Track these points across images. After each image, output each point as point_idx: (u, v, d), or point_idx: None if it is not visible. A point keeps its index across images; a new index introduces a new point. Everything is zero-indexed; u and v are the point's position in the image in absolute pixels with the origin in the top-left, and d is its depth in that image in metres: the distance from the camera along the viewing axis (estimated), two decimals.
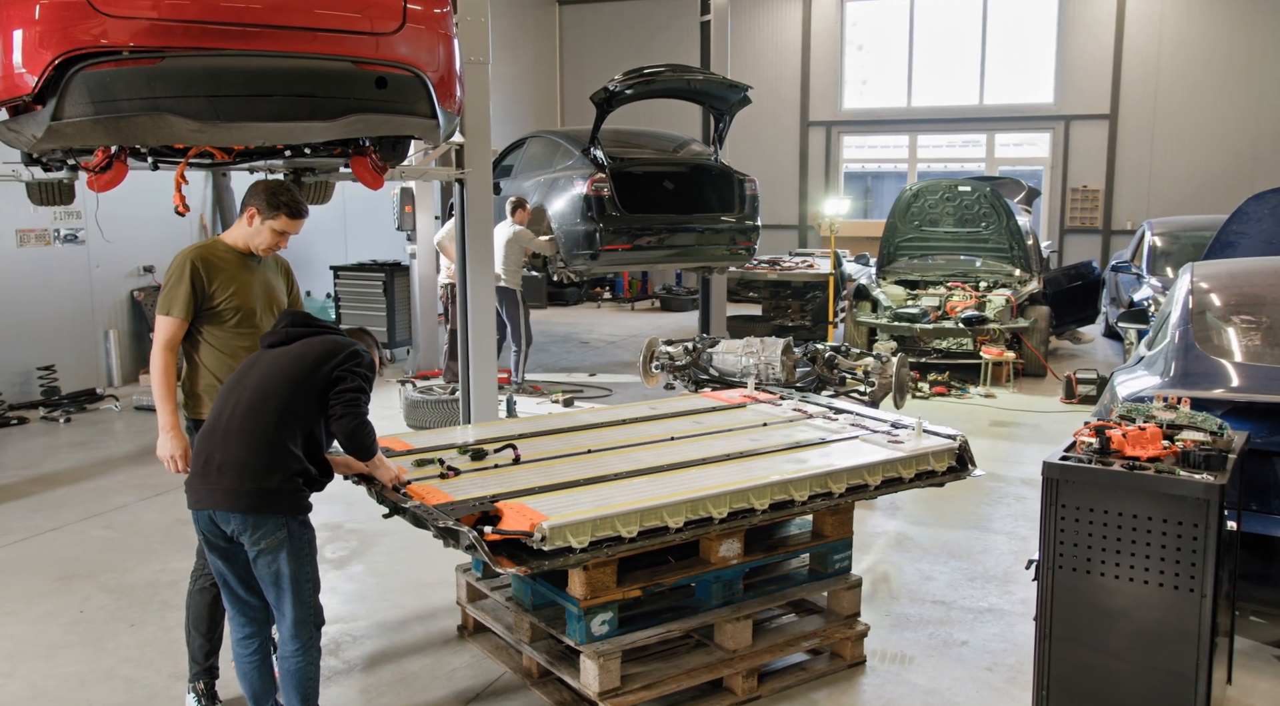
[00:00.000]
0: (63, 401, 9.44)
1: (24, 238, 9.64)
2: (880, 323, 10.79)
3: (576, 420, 4.95)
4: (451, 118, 5.31)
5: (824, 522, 4.46)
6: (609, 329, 14.78)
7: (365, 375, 3.57)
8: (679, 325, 14.61)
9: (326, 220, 13.36)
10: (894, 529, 6.27)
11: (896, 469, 4.26)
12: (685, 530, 3.69)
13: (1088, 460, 3.51)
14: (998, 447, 8.11)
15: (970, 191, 11.35)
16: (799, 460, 4.24)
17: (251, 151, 5.70)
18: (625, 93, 9.15)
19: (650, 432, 4.68)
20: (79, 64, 4.22)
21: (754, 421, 4.90)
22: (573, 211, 9.57)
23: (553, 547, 3.40)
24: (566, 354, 12.76)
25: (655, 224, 9.67)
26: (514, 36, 18.07)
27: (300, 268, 12.91)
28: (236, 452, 3.39)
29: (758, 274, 13.54)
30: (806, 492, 3.98)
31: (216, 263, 4.02)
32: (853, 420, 4.86)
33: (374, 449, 3.65)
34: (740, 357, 7.33)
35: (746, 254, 10.26)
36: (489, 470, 4.06)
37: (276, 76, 4.51)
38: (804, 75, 18.13)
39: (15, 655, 4.59)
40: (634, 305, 17.41)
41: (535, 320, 15.73)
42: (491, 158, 7.68)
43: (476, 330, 7.67)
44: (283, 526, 3.43)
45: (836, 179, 18.40)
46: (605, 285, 18.32)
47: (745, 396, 5.44)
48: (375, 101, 4.77)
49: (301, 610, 3.50)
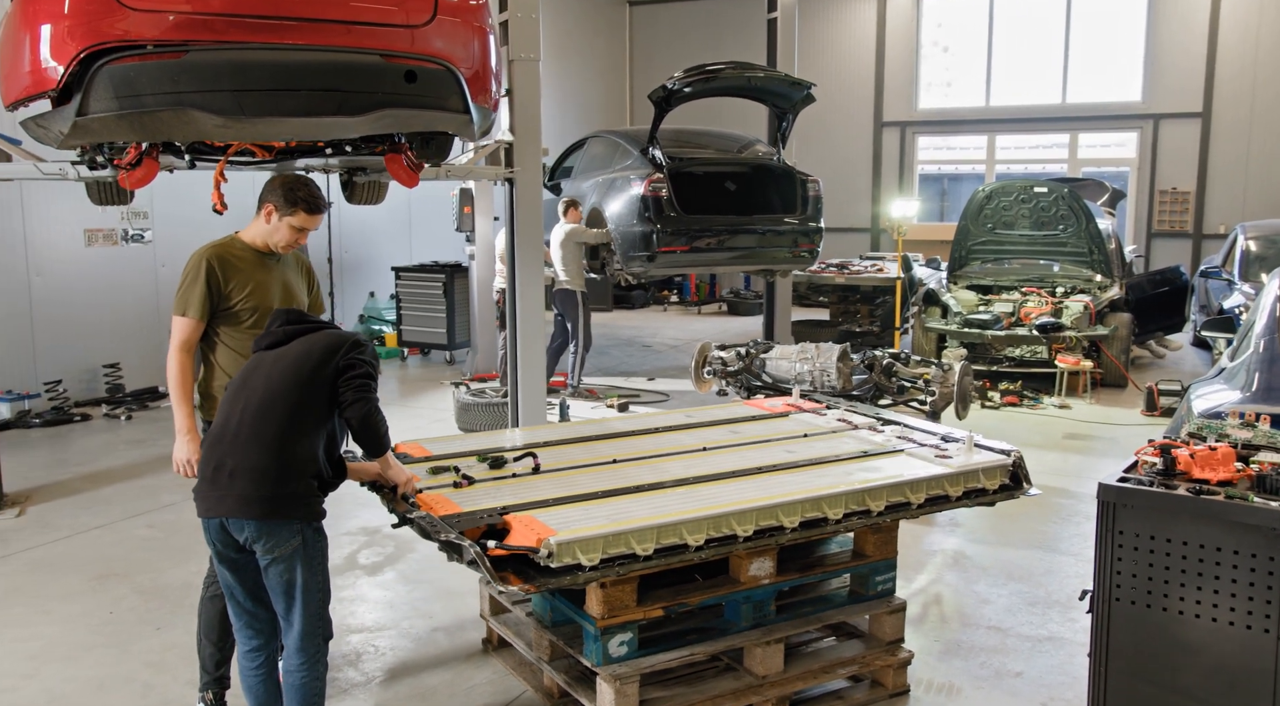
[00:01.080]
0: (126, 399, 9.57)
1: (92, 237, 9.79)
2: (950, 329, 10.38)
3: (608, 427, 4.75)
4: (487, 114, 5.15)
5: (865, 541, 4.17)
6: (673, 333, 14.55)
7: (371, 363, 3.45)
8: (744, 329, 14.32)
9: (391, 220, 13.43)
10: (951, 546, 5.93)
11: (942, 486, 3.96)
12: (706, 549, 3.45)
13: (1149, 482, 3.19)
14: (1069, 462, 7.69)
15: (1047, 193, 10.86)
16: (838, 474, 3.97)
17: (292, 149, 5.63)
18: (684, 91, 8.93)
19: (682, 442, 4.45)
20: (103, 59, 4.15)
21: (794, 432, 4.63)
22: (630, 212, 9.37)
23: (560, 564, 3.19)
24: (627, 358, 12.58)
25: (714, 225, 9.42)
26: (584, 37, 18.00)
27: (364, 268, 13.09)
28: (249, 457, 3.26)
29: (825, 278, 13.20)
30: (841, 510, 3.71)
31: (233, 261, 3.92)
32: (900, 432, 4.57)
33: (387, 440, 3.52)
34: (794, 364, 7.04)
35: (809, 256, 9.95)
36: (505, 480, 3.88)
37: (302, 70, 4.39)
38: (878, 74, 17.69)
39: (41, 655, 4.56)
40: (700, 309, 17.16)
41: (599, 323, 15.64)
42: (542, 157, 7.52)
43: (525, 333, 7.53)
44: (297, 533, 3.29)
45: (910, 181, 17.91)
46: (672, 288, 18.10)
47: (789, 405, 5.18)
48: (405, 96, 4.62)
49: (310, 621, 3.36)
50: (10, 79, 4.40)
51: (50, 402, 9.10)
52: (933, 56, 17.72)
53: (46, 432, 8.70)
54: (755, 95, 9.67)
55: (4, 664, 4.47)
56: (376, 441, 3.47)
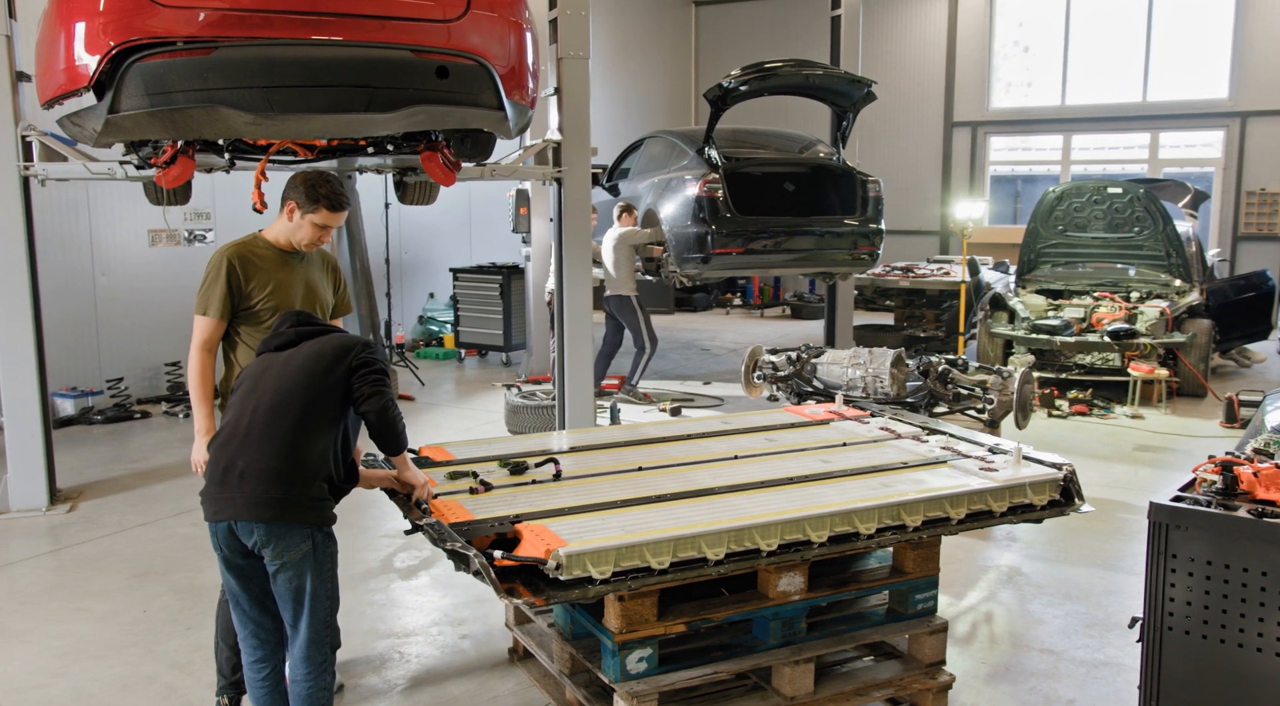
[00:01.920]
0: (185, 396, 9.68)
1: (155, 237, 9.95)
2: (1016, 334, 10.01)
3: (640, 433, 4.60)
4: (524, 111, 5.04)
5: (905, 557, 3.96)
6: (734, 336, 14.34)
7: (383, 362, 3.40)
8: (806, 333, 14.05)
9: (451, 221, 13.46)
10: (1007, 562, 5.66)
11: (985, 500, 3.73)
12: (726, 563, 3.28)
13: (1207, 502, 2.94)
14: (1139, 475, 7.32)
15: (1122, 194, 10.42)
16: (873, 486, 3.77)
17: (334, 148, 5.60)
18: (740, 89, 8.75)
19: (714, 450, 4.28)
20: (135, 56, 4.13)
21: (833, 440, 4.43)
22: (684, 213, 9.21)
23: (570, 577, 3.05)
24: (685, 361, 12.41)
25: (771, 226, 9.22)
26: (649, 37, 17.89)
27: (424, 269, 13.13)
28: (260, 459, 3.19)
29: (889, 281, 12.89)
30: (874, 524, 3.51)
31: (254, 260, 3.87)
32: (945, 442, 4.34)
33: (403, 439, 3.44)
34: (846, 369, 6.82)
35: (869, 259, 9.67)
36: (524, 486, 3.75)
37: (331, 66, 4.32)
38: (949, 73, 17.26)
39: (71, 653, 4.56)
40: (763, 312, 16.91)
41: (660, 326, 15.51)
42: (591, 156, 7.41)
43: (573, 335, 7.43)
44: (307, 538, 3.22)
45: (982, 182, 17.43)
46: (736, 291, 17.88)
47: (831, 412, 4.97)
48: (436, 92, 4.53)
49: (317, 629, 3.27)
50: (46, 77, 4.42)
51: (112, 400, 9.27)
52: (1013, 56, 17.21)
53: (107, 429, 8.85)
54: (814, 93, 9.44)
55: (36, 661, 4.48)
56: (395, 437, 3.39)
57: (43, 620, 4.92)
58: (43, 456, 6.52)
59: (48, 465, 6.58)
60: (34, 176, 6.25)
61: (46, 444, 6.56)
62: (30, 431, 6.46)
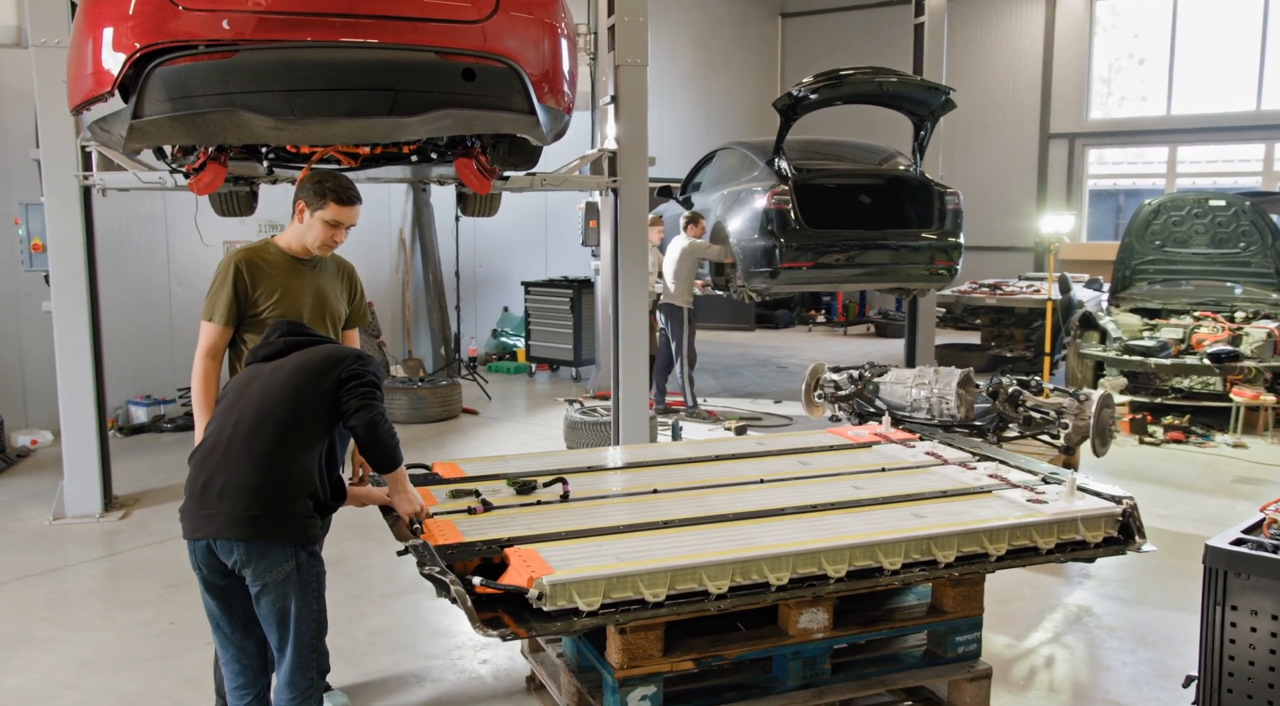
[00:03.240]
0: None
1: (230, 248, 10.08)
2: (1107, 356, 9.43)
3: (666, 453, 4.36)
4: (559, 116, 4.86)
5: (944, 595, 3.62)
6: (812, 354, 13.94)
7: (376, 375, 3.22)
8: (888, 352, 13.57)
9: (527, 235, 13.40)
10: (1078, 601, 5.22)
11: (1029, 535, 3.38)
12: (730, 597, 3.02)
13: (1273, 547, 2.56)
14: (1235, 509, 6.74)
15: (1225, 206, 9.75)
16: (904, 516, 3.45)
17: (378, 156, 5.51)
18: (810, 98, 8.44)
19: (740, 473, 4.01)
20: (157, 60, 4.09)
21: (871, 465, 4.11)
22: (751, 226, 8.94)
23: (554, 608, 2.83)
24: (759, 378, 12.09)
25: (842, 240, 8.87)
26: (734, 49, 17.65)
27: (499, 283, 13.07)
28: (240, 474, 3.05)
29: (975, 299, 12.36)
30: (899, 558, 3.20)
31: (263, 266, 3.75)
32: (994, 470, 3.98)
33: (396, 455, 3.26)
34: (910, 389, 6.45)
35: (947, 274, 9.23)
36: (527, 507, 3.54)
37: (353, 69, 4.21)
38: (1045, 82, 16.58)
39: (89, 664, 4.51)
40: (846, 330, 16.44)
41: (738, 342, 15.23)
42: (648, 166, 7.22)
43: (628, 349, 7.22)
44: (290, 558, 3.05)
45: (1079, 196, 16.68)
46: (820, 308, 17.46)
47: (877, 434, 4.65)
48: (463, 95, 4.38)
49: (302, 654, 3.11)
50: (74, 82, 4.41)
51: (183, 408, 9.39)
52: (1127, 68, 16.44)
53: (177, 437, 8.96)
54: (890, 102, 9.07)
55: (54, 671, 4.44)
56: (386, 454, 3.22)
57: (71, 628, 4.90)
58: (97, 463, 6.58)
59: (102, 472, 6.63)
60: (94, 186, 6.32)
61: (102, 451, 6.62)
62: (85, 439, 6.52)
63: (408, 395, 9.40)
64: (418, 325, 12.03)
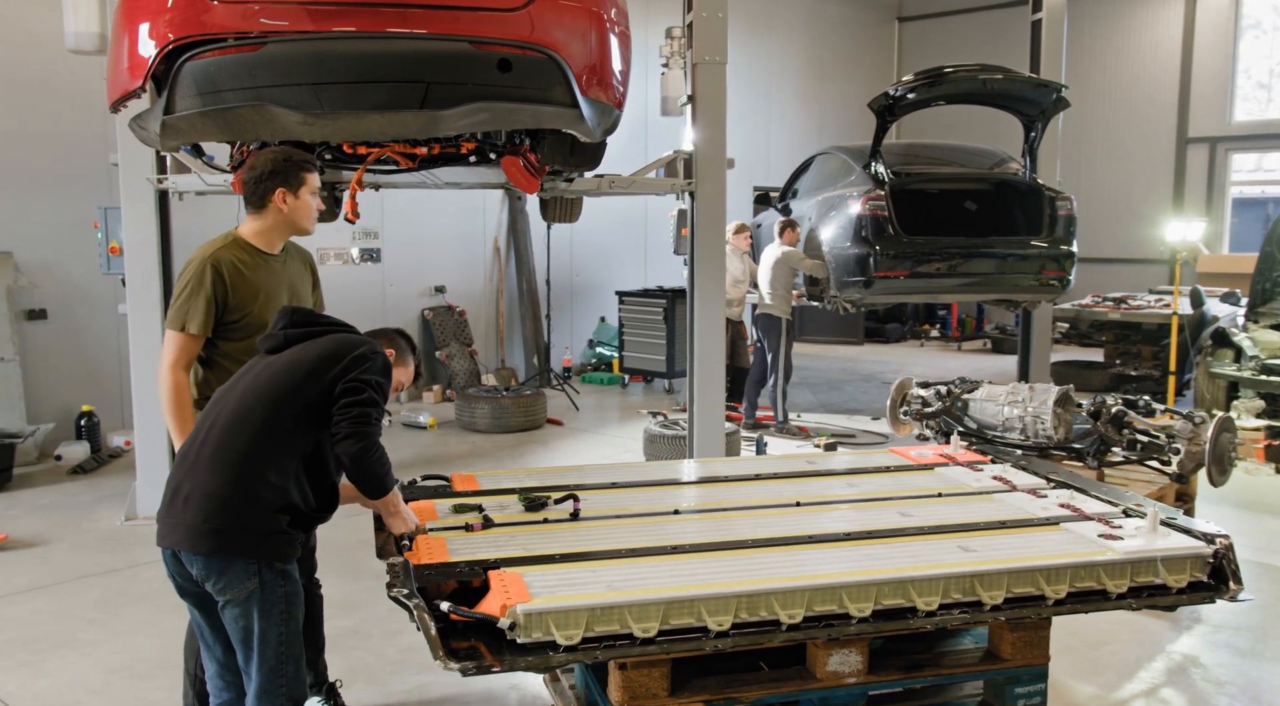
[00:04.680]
0: None
1: (323, 255, 10.19)
2: (1242, 376, 8.61)
3: (705, 470, 4.01)
4: (607, 110, 4.58)
5: (1001, 640, 3.18)
6: (921, 370, 13.29)
7: (376, 384, 2.92)
8: (1003, 369, 12.82)
9: (626, 243, 13.19)
10: (1183, 648, 4.65)
11: (1096, 576, 2.92)
12: (733, 635, 2.67)
13: None
14: None
15: None
16: (950, 549, 3.04)
17: (435, 156, 5.35)
18: (908, 98, 7.98)
19: (778, 494, 3.64)
20: (187, 54, 4.00)
21: (926, 490, 3.69)
22: (845, 233, 8.50)
23: (528, 639, 2.54)
24: (860, 394, 11.57)
25: (942, 248, 8.35)
26: (847, 55, 17.14)
27: (596, 292, 12.89)
28: (205, 482, 2.85)
29: (1098, 313, 11.56)
30: (936, 598, 2.79)
31: (240, 268, 3.47)
32: (1067, 499, 3.51)
33: (387, 482, 3.00)
34: (1002, 407, 5.93)
35: (1058, 285, 8.58)
36: (530, 525, 3.26)
37: (383, 61, 4.04)
38: (1183, 84, 15.50)
39: (121, 670, 4.44)
40: (961, 345, 15.68)
41: (846, 357, 14.67)
42: (727, 168, 6.88)
43: (703, 360, 6.90)
44: (253, 575, 2.83)
45: (1221, 204, 15.51)
46: (935, 322, 16.73)
47: (943, 455, 4.20)
48: (499, 87, 4.15)
49: (268, 677, 2.88)
50: (112, 79, 4.37)
51: None
52: (1243, 55, 15.25)
53: None
54: (996, 101, 8.50)
55: (85, 676, 4.39)
56: (373, 485, 2.97)
57: (115, 632, 4.86)
58: (169, 466, 6.60)
59: None
60: (169, 189, 6.37)
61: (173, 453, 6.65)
62: (157, 441, 6.55)
63: (490, 404, 9.28)
64: (511, 334, 11.95)
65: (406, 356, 3.30)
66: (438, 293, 11.16)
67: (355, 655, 4.53)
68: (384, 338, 3.27)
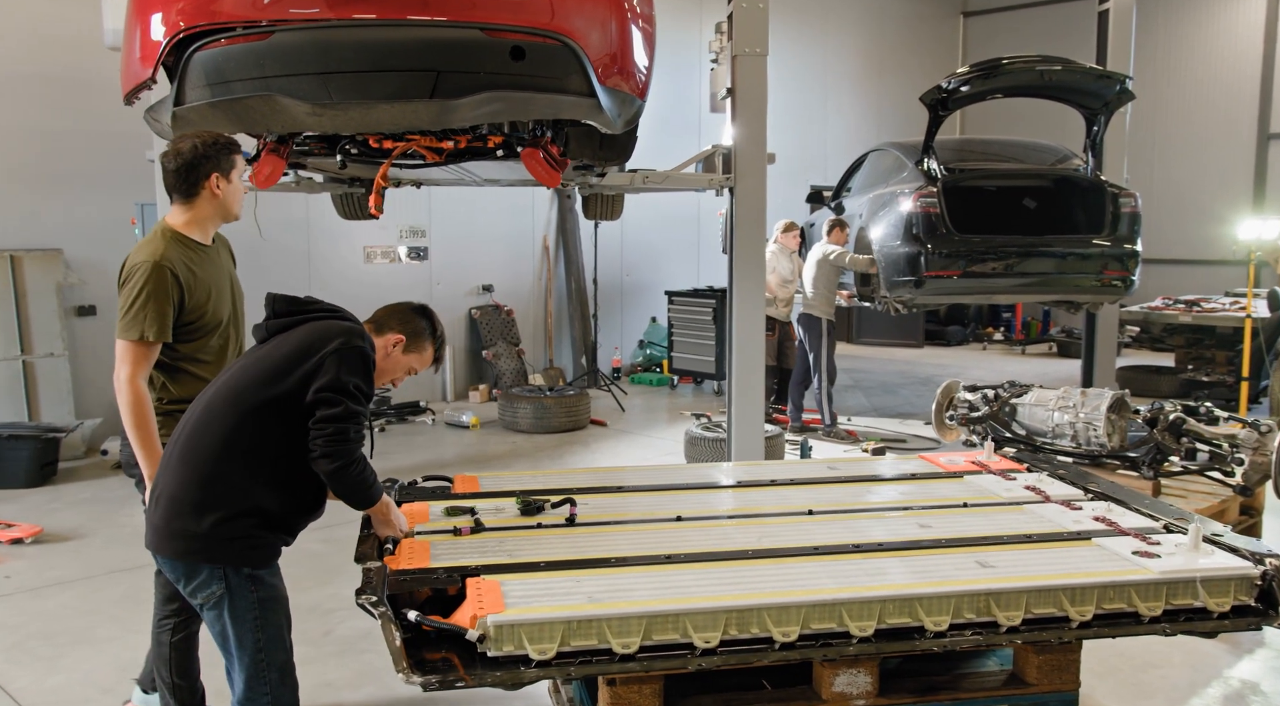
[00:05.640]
0: (388, 411, 9.80)
1: (370, 254, 10.20)
2: None
3: (719, 475, 3.82)
4: (628, 100, 4.42)
5: (1026, 663, 2.94)
6: (981, 374, 12.88)
7: (354, 389, 2.70)
8: (1068, 374, 12.37)
9: (678, 243, 13.01)
10: (1241, 674, 4.32)
11: (1127, 597, 2.68)
12: (720, 653, 2.49)
13: None
14: None
15: None
16: (966, 564, 2.81)
17: (462, 150, 5.24)
18: (961, 90, 7.68)
19: (789, 502, 3.43)
20: (195, 44, 3.93)
21: (950, 499, 3.45)
22: (895, 231, 8.22)
23: (499, 652, 2.39)
24: (917, 398, 11.23)
25: (997, 246, 8.01)
26: (907, 52, 16.73)
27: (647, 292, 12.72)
28: (169, 483, 2.75)
29: (1168, 316, 11.07)
30: (946, 617, 2.58)
31: (190, 265, 3.28)
32: (1105, 510, 3.25)
33: (372, 494, 2.86)
34: (1052, 412, 5.63)
35: (1122, 286, 8.18)
36: (523, 530, 3.11)
37: (391, 49, 3.93)
38: (1265, 77, 14.81)
39: (133, 669, 4.32)
40: (1025, 349, 15.18)
41: (904, 359, 14.30)
42: (768, 163, 6.67)
43: (741, 361, 6.70)
44: (219, 580, 2.71)
45: None
46: (999, 324, 16.25)
47: (976, 463, 3.95)
48: (512, 76, 4.02)
49: (249, 684, 2.78)
50: (125, 71, 4.33)
51: None
52: None
53: None
54: (1057, 94, 8.15)
55: (96, 673, 4.35)
56: (358, 499, 2.83)
57: (131, 629, 4.81)
58: None
59: None
60: None
61: None
62: None
63: (532, 404, 9.17)
64: (560, 334, 11.85)
65: (423, 339, 3.06)
66: (485, 291, 11.09)
67: (365, 658, 4.43)
68: (396, 319, 3.05)
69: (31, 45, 8.12)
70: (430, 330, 3.12)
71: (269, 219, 9.35)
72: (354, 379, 2.74)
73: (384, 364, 3.00)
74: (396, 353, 3.02)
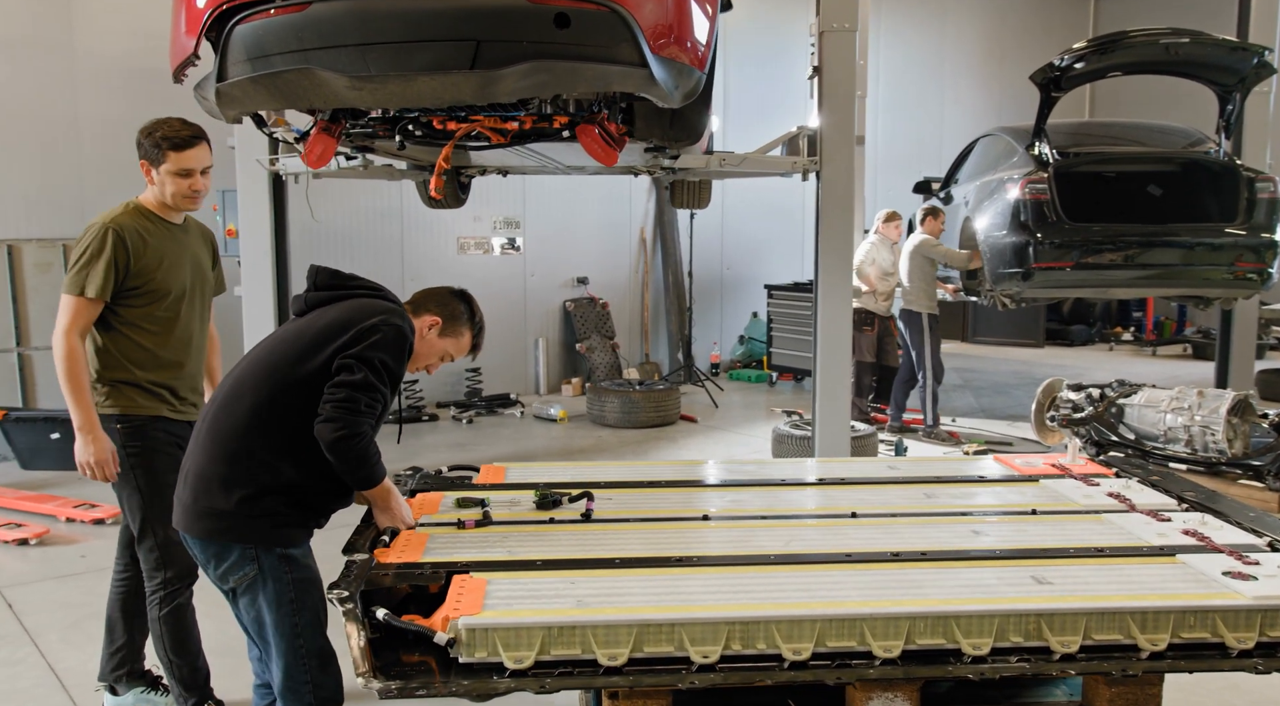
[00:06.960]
0: (479, 403, 9.75)
1: (463, 245, 10.16)
2: None
3: (761, 472, 3.51)
4: (685, 71, 4.13)
5: (1097, 695, 2.55)
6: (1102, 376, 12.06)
7: (378, 364, 2.58)
8: (1201, 377, 11.50)
9: (782, 235, 12.62)
10: None
11: (1212, 625, 2.27)
12: (720, 670, 2.20)
13: None
14: None
15: None
16: (1018, 579, 2.45)
17: (528, 131, 5.06)
18: (1075, 68, 7.12)
19: (833, 503, 3.11)
20: (235, 18, 3.84)
21: (1018, 505, 3.07)
22: (1001, 220, 7.70)
23: (472, 659, 2.16)
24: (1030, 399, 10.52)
25: (1115, 236, 7.40)
26: (1030, 36, 15.87)
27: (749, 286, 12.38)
28: (198, 460, 2.65)
29: None
30: (989, 640, 2.23)
31: (142, 233, 3.39)
32: (1196, 525, 2.82)
33: (374, 474, 2.68)
34: (1164, 415, 5.12)
35: (1258, 280, 7.45)
36: (532, 524, 2.88)
37: (430, 18, 3.75)
38: None
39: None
40: (1156, 350, 14.23)
41: (1022, 359, 13.57)
42: (855, 146, 6.30)
43: (826, 356, 6.34)
44: (251, 561, 2.60)
45: None
46: (1129, 324, 15.30)
47: (1055, 466, 3.53)
48: (556, 45, 3.79)
49: (289, 674, 2.63)
50: (173, 47, 4.28)
51: (406, 401, 9.51)
52: None
53: (392, 430, 9.02)
54: (1185, 71, 7.48)
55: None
56: (359, 475, 2.65)
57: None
58: None
59: None
60: (280, 171, 6.36)
61: None
62: None
63: (620, 398, 8.97)
64: (656, 327, 11.62)
65: (460, 324, 2.93)
66: (580, 284, 10.94)
67: None
68: (434, 301, 2.93)
69: (130, 38, 8.32)
70: (469, 315, 2.99)
71: (363, 208, 9.46)
72: (382, 354, 2.61)
73: (418, 347, 2.87)
74: (431, 335, 2.89)
